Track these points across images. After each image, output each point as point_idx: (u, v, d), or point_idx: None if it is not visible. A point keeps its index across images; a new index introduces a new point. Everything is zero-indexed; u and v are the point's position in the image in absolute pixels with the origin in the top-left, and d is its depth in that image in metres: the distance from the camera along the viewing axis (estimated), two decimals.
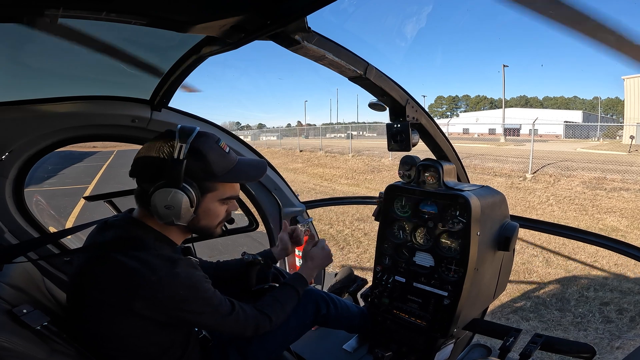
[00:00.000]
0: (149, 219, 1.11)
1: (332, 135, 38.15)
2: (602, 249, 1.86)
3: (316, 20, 1.05)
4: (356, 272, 2.44)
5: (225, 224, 2.17)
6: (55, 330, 0.94)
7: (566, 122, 29.11)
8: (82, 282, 1.02)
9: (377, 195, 1.83)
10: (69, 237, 1.99)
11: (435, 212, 1.56)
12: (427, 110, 1.64)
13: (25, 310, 0.92)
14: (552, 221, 2.14)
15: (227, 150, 1.14)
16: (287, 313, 1.34)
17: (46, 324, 0.92)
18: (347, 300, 1.83)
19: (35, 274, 1.20)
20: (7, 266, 1.10)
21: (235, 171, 1.15)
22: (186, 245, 1.36)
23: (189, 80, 1.59)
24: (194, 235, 1.25)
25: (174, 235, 1.15)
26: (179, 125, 1.07)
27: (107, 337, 1.02)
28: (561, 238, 4.49)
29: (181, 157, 1.02)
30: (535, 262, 5.14)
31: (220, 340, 1.37)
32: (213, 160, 1.08)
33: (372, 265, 1.76)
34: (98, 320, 1.00)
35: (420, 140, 1.63)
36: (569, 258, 5.26)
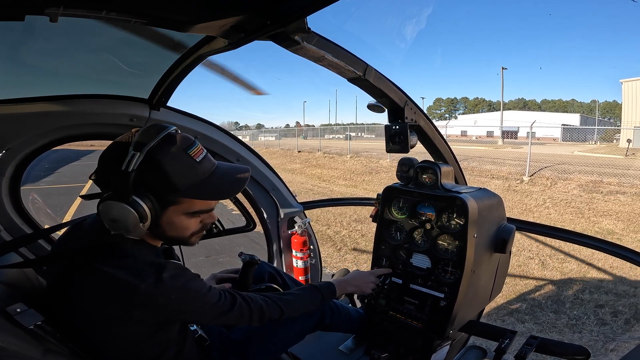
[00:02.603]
0: None
1: (331, 136, 38.17)
2: (597, 251, 1.87)
3: (316, 21, 1.05)
4: None
5: (221, 223, 2.19)
6: (49, 329, 0.93)
7: (564, 125, 29.27)
8: (67, 292, 0.96)
9: (375, 196, 1.84)
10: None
11: (432, 213, 1.56)
12: (425, 112, 1.65)
13: (19, 309, 0.91)
14: (548, 224, 2.15)
15: (199, 158, 0.99)
16: (302, 312, 1.31)
17: (40, 323, 0.91)
18: (344, 301, 1.83)
19: (29, 272, 1.19)
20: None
21: (203, 186, 1.00)
22: (167, 246, 1.25)
23: (188, 80, 1.59)
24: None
25: (148, 239, 1.06)
26: (147, 125, 0.97)
27: (102, 342, 0.99)
28: (557, 241, 4.51)
29: (130, 168, 0.89)
30: (532, 265, 5.16)
31: (219, 340, 1.36)
32: (173, 172, 0.94)
33: (370, 267, 1.76)
34: (92, 328, 0.97)
35: (418, 142, 1.64)
36: (565, 260, 5.29)
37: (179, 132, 1.01)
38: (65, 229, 1.15)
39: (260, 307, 1.16)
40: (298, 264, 2.59)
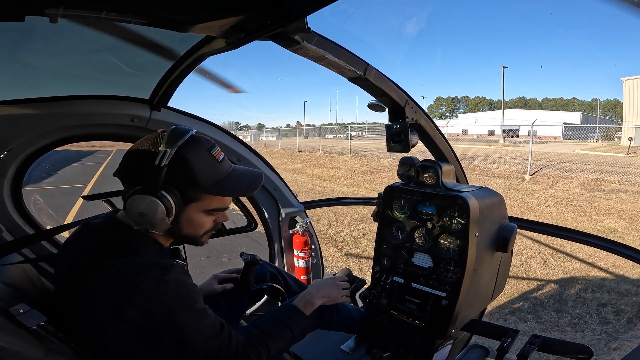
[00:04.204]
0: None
1: (332, 135, 38.21)
2: (600, 250, 1.87)
3: (316, 21, 1.05)
4: (355, 273, 2.44)
5: (223, 224, 2.19)
6: (51, 329, 0.93)
7: (565, 123, 29.17)
8: (75, 290, 0.97)
9: (376, 195, 1.84)
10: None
11: (434, 213, 1.56)
12: (426, 111, 1.65)
13: (21, 310, 0.91)
14: (550, 223, 2.14)
15: (220, 158, 1.07)
16: (279, 348, 1.22)
17: (43, 323, 0.92)
18: (349, 304, 1.83)
19: (31, 272, 1.19)
20: (3, 265, 1.09)
21: (223, 183, 1.06)
22: (175, 247, 1.28)
23: (189, 80, 1.59)
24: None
25: (160, 238, 1.09)
26: (173, 127, 1.02)
27: (102, 344, 0.98)
28: (559, 239, 4.50)
29: (163, 164, 0.96)
30: (534, 263, 5.15)
31: None
32: (199, 169, 1.01)
33: (371, 266, 1.76)
34: (97, 328, 0.97)
35: (419, 141, 1.63)
36: (567, 259, 5.28)
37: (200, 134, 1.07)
38: (73, 229, 1.16)
39: (243, 348, 1.09)
40: (299, 263, 2.59)
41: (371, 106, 1.53)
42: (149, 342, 0.99)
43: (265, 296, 1.74)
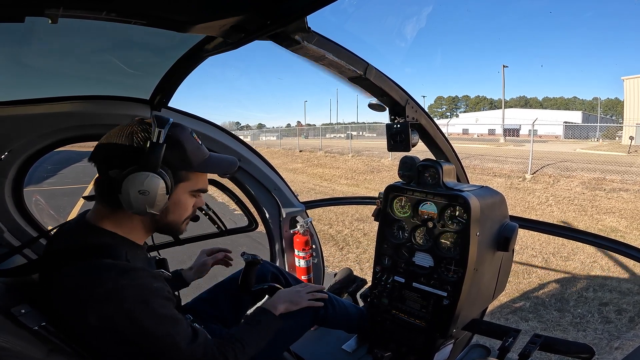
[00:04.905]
0: (107, 219, 1.03)
1: (332, 135, 38.18)
2: (601, 249, 1.87)
3: (316, 21, 1.05)
4: (355, 273, 2.44)
5: (223, 223, 2.19)
6: (52, 330, 0.93)
7: (566, 122, 29.15)
8: (48, 294, 0.95)
9: (377, 195, 1.84)
10: None
11: (434, 212, 1.56)
12: (426, 110, 1.64)
13: (23, 310, 0.91)
14: (551, 222, 2.14)
15: (200, 142, 1.12)
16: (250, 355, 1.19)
17: (44, 324, 0.92)
18: (346, 300, 1.83)
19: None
20: (3, 265, 1.09)
21: (209, 162, 1.12)
22: (161, 258, 1.27)
23: (189, 80, 1.59)
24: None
25: (135, 235, 1.07)
26: (154, 114, 1.06)
27: (90, 345, 0.97)
28: (560, 239, 4.50)
29: (160, 141, 0.97)
30: (535, 263, 5.15)
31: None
32: (190, 149, 1.06)
33: (372, 266, 1.76)
34: (75, 332, 0.95)
35: (420, 140, 1.63)
36: (568, 258, 5.27)
37: None
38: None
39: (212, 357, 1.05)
40: (300, 263, 2.59)
41: (372, 106, 1.53)
42: (120, 349, 0.96)
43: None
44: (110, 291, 0.90)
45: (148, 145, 0.97)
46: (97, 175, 1.03)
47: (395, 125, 1.55)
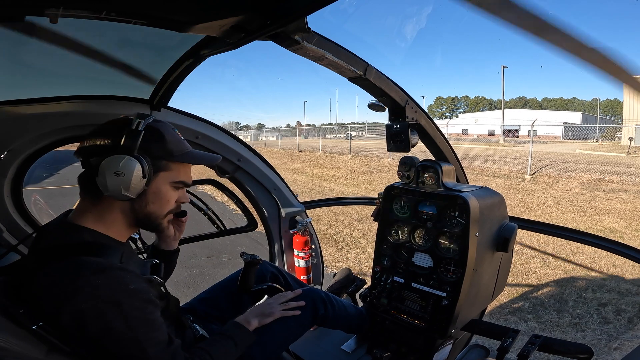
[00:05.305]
0: (88, 214, 1.03)
1: (332, 135, 38.19)
2: (600, 250, 1.87)
3: (316, 21, 1.05)
4: (355, 273, 2.44)
5: (223, 223, 2.19)
6: (50, 329, 0.93)
7: (565, 123, 29.20)
8: (31, 292, 0.94)
9: (376, 195, 1.84)
10: None
11: (434, 212, 1.56)
12: (426, 111, 1.64)
13: (21, 310, 0.91)
14: (550, 222, 2.14)
15: (182, 137, 1.15)
16: (227, 356, 1.19)
17: (42, 323, 0.91)
18: (345, 300, 1.83)
19: None
20: (3, 263, 1.09)
21: (190, 153, 1.14)
22: (156, 262, 1.24)
23: (189, 80, 1.59)
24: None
25: (117, 229, 1.06)
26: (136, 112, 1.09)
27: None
28: (559, 239, 4.50)
29: (139, 129, 1.00)
30: (534, 263, 5.15)
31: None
32: (170, 139, 1.08)
33: (371, 266, 1.76)
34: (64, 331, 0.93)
35: (419, 141, 1.63)
36: (567, 259, 5.27)
37: None
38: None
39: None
40: (300, 263, 2.59)
41: (371, 106, 1.53)
42: (90, 350, 0.94)
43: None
44: (83, 288, 0.89)
45: (125, 132, 1.00)
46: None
47: (395, 126, 1.55)
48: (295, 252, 2.58)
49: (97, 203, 1.04)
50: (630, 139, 15.87)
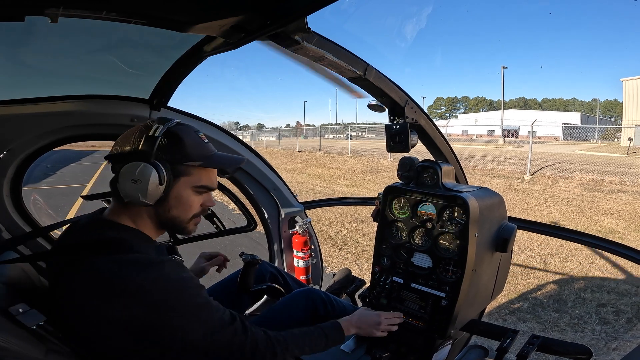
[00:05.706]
0: (123, 214, 1.05)
1: (331, 135, 38.20)
2: (599, 250, 1.87)
3: (316, 21, 1.05)
4: (354, 273, 2.44)
5: (222, 223, 2.19)
6: (51, 329, 0.93)
7: (564, 124, 29.22)
8: (60, 289, 0.95)
9: (376, 196, 1.84)
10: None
11: (433, 213, 1.56)
12: (426, 111, 1.65)
13: (21, 310, 0.91)
14: (549, 223, 2.15)
15: (205, 140, 1.12)
16: (299, 354, 1.19)
17: (42, 323, 0.91)
18: (345, 300, 1.83)
19: (30, 271, 1.19)
20: (2, 264, 1.09)
21: (212, 158, 1.11)
22: (170, 243, 1.30)
23: (189, 80, 1.59)
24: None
25: (148, 230, 1.08)
26: (154, 113, 1.07)
27: (94, 344, 0.95)
28: (559, 240, 4.51)
29: (156, 134, 1.01)
30: (533, 264, 5.16)
31: None
32: (190, 143, 1.06)
33: (371, 266, 1.76)
34: (82, 327, 0.94)
35: (419, 141, 1.63)
36: (567, 259, 5.28)
37: None
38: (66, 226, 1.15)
39: (258, 340, 1.06)
40: (299, 263, 2.59)
41: (371, 106, 1.53)
42: (143, 342, 0.95)
43: (265, 296, 1.74)
44: (140, 285, 0.90)
45: (144, 137, 1.01)
46: None
47: (394, 126, 1.55)
48: (295, 252, 2.59)
49: (127, 205, 1.05)
50: (630, 139, 15.89)
